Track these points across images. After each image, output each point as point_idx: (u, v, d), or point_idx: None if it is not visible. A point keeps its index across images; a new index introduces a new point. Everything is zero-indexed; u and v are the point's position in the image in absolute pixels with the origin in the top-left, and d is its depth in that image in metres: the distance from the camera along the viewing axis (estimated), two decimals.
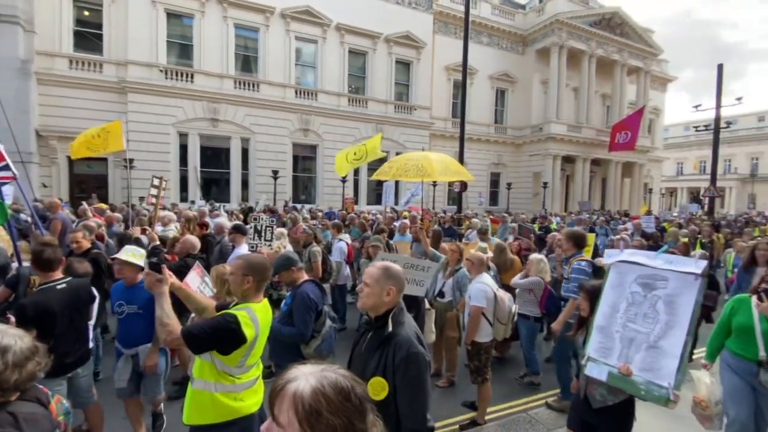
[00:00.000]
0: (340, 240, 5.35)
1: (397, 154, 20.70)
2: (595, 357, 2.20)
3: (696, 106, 15.46)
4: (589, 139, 25.34)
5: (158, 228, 5.94)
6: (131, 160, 11.69)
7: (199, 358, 1.92)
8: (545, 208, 21.44)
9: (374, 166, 15.76)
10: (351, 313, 5.93)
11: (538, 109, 25.63)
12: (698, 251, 5.81)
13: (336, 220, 6.72)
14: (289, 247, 4.55)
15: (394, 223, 7.36)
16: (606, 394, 2.22)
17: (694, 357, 5.05)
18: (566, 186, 27.04)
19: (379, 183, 17.23)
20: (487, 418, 3.62)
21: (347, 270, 5.65)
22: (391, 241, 6.52)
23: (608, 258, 2.50)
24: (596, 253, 5.82)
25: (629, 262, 2.27)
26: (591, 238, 5.08)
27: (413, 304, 3.14)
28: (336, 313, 5.76)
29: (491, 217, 12.69)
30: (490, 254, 4.96)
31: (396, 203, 19.59)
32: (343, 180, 15.35)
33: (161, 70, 15.53)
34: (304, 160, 19.76)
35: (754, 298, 2.66)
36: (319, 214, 11.39)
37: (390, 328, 1.63)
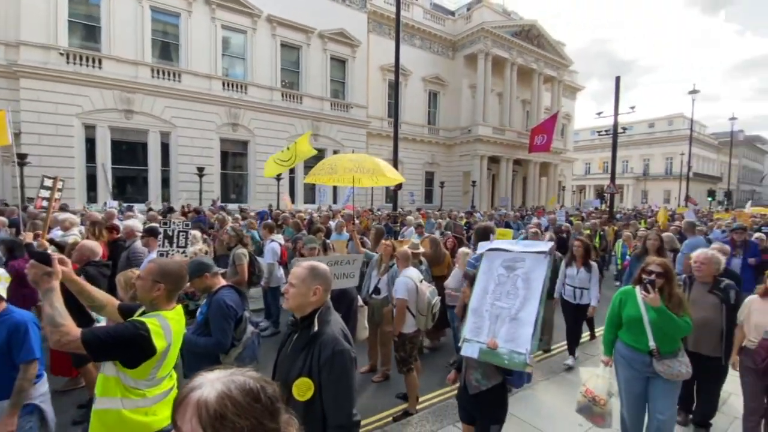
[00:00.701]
0: (272, 241, 5.15)
1: (335, 152, 20.61)
2: (469, 338, 2.36)
3: (599, 113, 17.56)
4: (512, 141, 27.44)
5: (57, 233, 5.22)
6: (23, 156, 10.11)
7: (102, 374, 1.73)
8: (474, 205, 22.79)
9: (311, 163, 15.49)
10: (286, 316, 5.75)
11: (467, 112, 27.13)
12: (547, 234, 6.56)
13: (269, 220, 6.46)
14: (214, 252, 4.29)
15: (330, 222, 7.30)
16: (480, 379, 2.33)
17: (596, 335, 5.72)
18: (492, 184, 29.03)
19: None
20: (419, 407, 3.77)
21: (281, 271, 5.47)
22: (328, 241, 6.47)
23: (480, 248, 2.80)
24: None
25: (497, 249, 2.57)
26: (509, 233, 5.49)
27: (343, 301, 3.15)
28: (269, 317, 5.57)
29: (421, 212, 13.21)
30: (423, 249, 5.16)
31: (335, 201, 19.48)
32: (278, 178, 14.82)
33: (62, 54, 13.59)
34: (235, 156, 18.69)
35: (638, 289, 2.68)
36: (252, 213, 10.88)
37: (316, 328, 1.63)
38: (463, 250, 4.75)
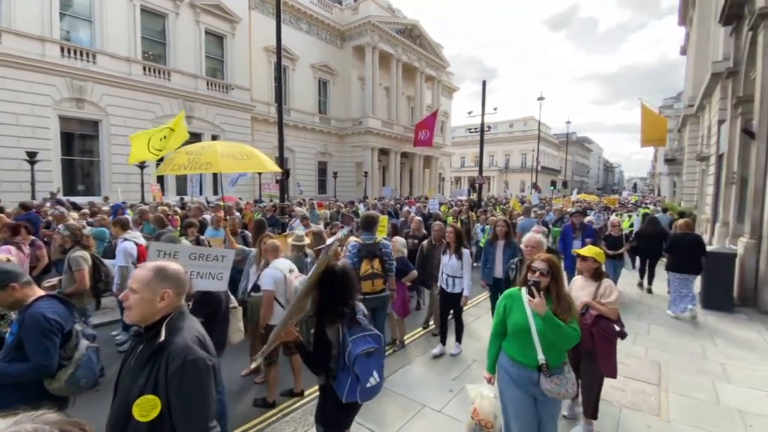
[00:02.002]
0: (126, 240, 4.38)
1: (213, 137, 18.69)
2: None
3: (469, 113, 19.67)
4: (399, 135, 28.89)
5: None
6: None
7: None
8: (366, 195, 23.40)
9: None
10: None
11: (357, 104, 27.51)
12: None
13: (124, 216, 5.47)
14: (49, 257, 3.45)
15: (204, 216, 6.57)
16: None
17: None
18: (383, 175, 30.25)
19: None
20: (305, 400, 3.73)
21: None
22: (202, 237, 5.84)
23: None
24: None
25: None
26: (384, 219, 5.76)
27: (208, 304, 2.83)
28: (127, 328, 4.78)
29: (317, 203, 13.05)
30: (308, 241, 5.07)
31: (216, 192, 17.70)
32: (141, 165, 12.74)
33: None
34: (82, 139, 15.42)
35: (524, 292, 2.31)
36: (105, 208, 9.13)
37: (162, 337, 1.43)
38: (350, 239, 4.78)
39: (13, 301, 1.90)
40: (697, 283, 6.48)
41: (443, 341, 4.72)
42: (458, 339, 4.81)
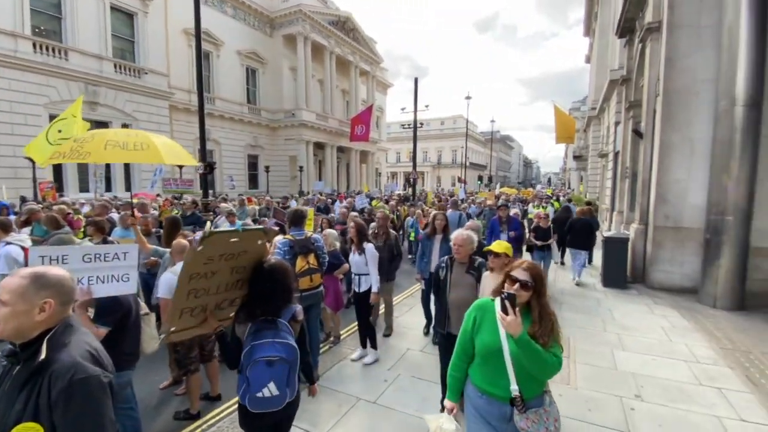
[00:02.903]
0: (8, 243, 3.69)
1: (124, 125, 16.73)
2: None
3: (402, 109, 20.06)
4: (335, 129, 28.52)
5: None
6: None
7: None
8: (302, 190, 22.78)
9: None
10: None
11: (290, 95, 26.54)
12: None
13: (5, 217, 4.63)
14: None
15: (111, 214, 5.85)
16: None
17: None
18: (319, 170, 29.67)
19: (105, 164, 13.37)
20: (227, 411, 3.52)
21: None
22: (110, 238, 5.19)
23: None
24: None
25: None
26: (311, 212, 5.65)
27: (116, 309, 2.48)
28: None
29: (246, 197, 12.35)
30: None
31: (128, 189, 15.87)
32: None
33: None
34: None
35: (497, 304, 1.80)
36: None
37: (43, 355, 1.22)
38: (278, 237, 4.58)
39: None
40: (598, 261, 7.42)
41: (363, 344, 4.43)
42: (372, 344, 4.38)
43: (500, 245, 2.92)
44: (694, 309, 6.11)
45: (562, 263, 8.68)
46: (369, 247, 4.32)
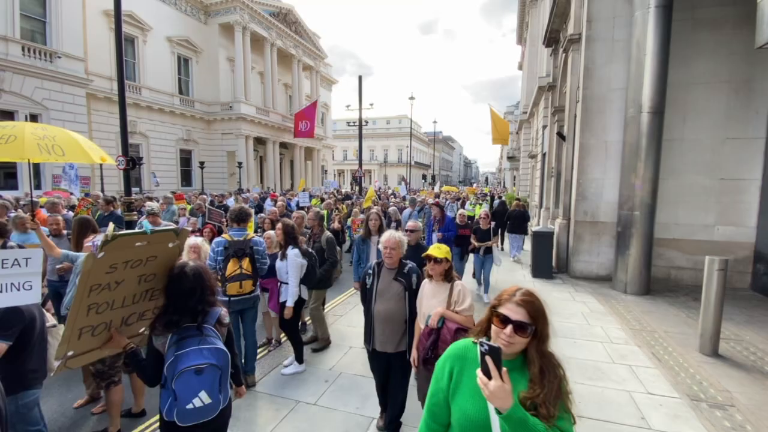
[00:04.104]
0: None
1: (33, 116, 14.72)
2: None
3: (347, 106, 19.93)
4: (277, 124, 27.52)
5: None
6: None
7: None
8: (242, 188, 21.68)
9: None
10: None
11: (227, 87, 25.11)
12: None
13: None
14: None
15: (9, 214, 5.09)
16: None
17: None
18: (261, 166, 28.46)
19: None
20: (156, 425, 3.25)
21: None
22: (11, 243, 4.52)
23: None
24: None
25: None
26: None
27: (17, 321, 2.13)
28: None
29: (175, 194, 11.46)
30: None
31: (39, 186, 13.94)
32: None
33: None
34: None
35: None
36: None
37: None
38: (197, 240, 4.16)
39: None
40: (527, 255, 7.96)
41: (298, 360, 4.09)
42: (296, 357, 4.04)
43: (440, 249, 2.54)
44: (608, 295, 6.82)
45: (502, 249, 9.30)
46: (293, 252, 3.87)
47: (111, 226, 1.94)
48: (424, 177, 42.27)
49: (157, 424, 3.22)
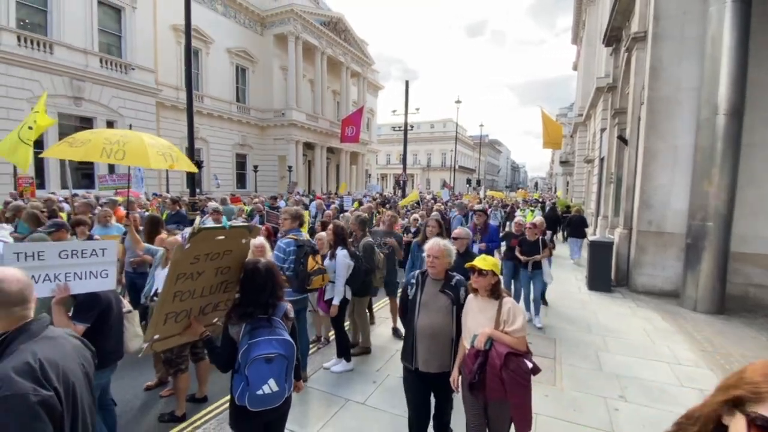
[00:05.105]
0: None
1: (109, 123, 16.41)
2: None
3: (393, 111, 20.11)
4: (325, 129, 28.41)
5: None
6: None
7: None
8: (291, 191, 22.57)
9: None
10: None
11: (280, 95, 26.36)
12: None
13: None
14: None
15: (95, 212, 5.72)
16: None
17: None
18: (309, 170, 29.51)
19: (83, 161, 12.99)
20: (217, 411, 3.47)
21: None
22: (95, 236, 5.07)
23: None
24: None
25: None
26: (306, 214, 5.68)
27: (94, 306, 2.39)
28: None
29: (232, 197, 12.19)
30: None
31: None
32: None
33: None
34: None
35: None
36: None
37: None
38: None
39: None
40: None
41: (339, 355, 4.21)
42: (339, 353, 4.16)
43: (486, 261, 2.34)
44: (675, 312, 6.27)
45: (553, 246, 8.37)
46: (341, 253, 3.98)
47: (198, 220, 2.14)
48: (468, 181, 41.46)
49: (218, 410, 3.48)
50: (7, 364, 1.15)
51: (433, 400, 2.64)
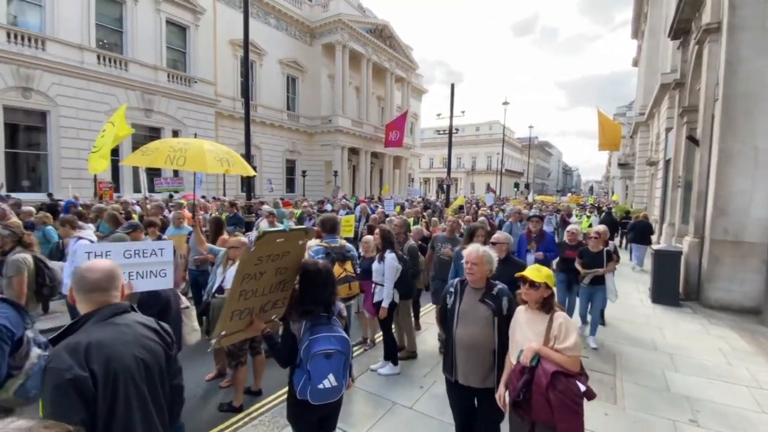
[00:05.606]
0: (80, 238, 4.07)
1: (174, 132, 17.86)
2: None
3: (438, 114, 19.99)
4: (369, 135, 28.87)
5: None
6: None
7: None
8: (335, 195, 23.17)
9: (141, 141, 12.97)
10: None
11: (327, 102, 27.20)
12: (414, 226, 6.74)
13: (68, 215, 5.06)
14: None
15: (165, 214, 6.25)
16: None
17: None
18: (353, 175, 30.11)
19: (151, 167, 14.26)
20: (274, 402, 3.64)
21: None
22: (164, 236, 5.55)
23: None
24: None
25: None
26: (351, 219, 5.76)
27: (154, 303, 2.55)
28: None
29: (284, 200, 12.75)
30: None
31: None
32: None
33: None
34: (28, 131, 14.22)
35: None
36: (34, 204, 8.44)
37: None
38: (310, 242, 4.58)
39: None
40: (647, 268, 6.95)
41: (385, 355, 4.26)
42: (386, 356, 4.19)
43: (539, 271, 2.19)
44: (756, 331, 5.62)
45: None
46: (390, 256, 4.03)
47: (263, 223, 2.28)
48: (516, 185, 40.01)
49: (272, 403, 3.64)
50: (68, 340, 1.32)
51: None
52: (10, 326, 1.74)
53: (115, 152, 13.93)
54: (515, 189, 39.53)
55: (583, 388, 1.98)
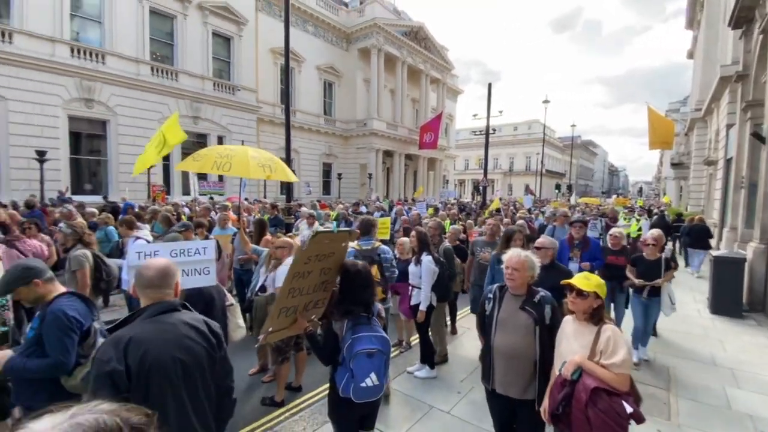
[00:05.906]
0: (138, 238, 4.42)
1: (219, 138, 18.82)
2: None
3: (474, 115, 19.65)
4: (403, 137, 28.90)
5: None
6: None
7: None
8: (371, 197, 23.40)
9: (189, 148, 13.81)
10: None
11: (362, 106, 27.56)
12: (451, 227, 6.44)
13: (127, 216, 5.48)
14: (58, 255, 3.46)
15: (212, 215, 6.62)
16: None
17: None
18: (387, 177, 30.26)
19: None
20: (313, 399, 3.74)
21: None
22: (210, 237, 5.87)
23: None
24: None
25: None
26: (387, 221, 5.78)
27: (198, 300, 2.62)
28: None
29: (321, 203, 13.05)
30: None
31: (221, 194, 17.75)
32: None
33: None
34: (90, 139, 15.57)
35: None
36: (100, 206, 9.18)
37: None
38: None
39: (35, 296, 1.95)
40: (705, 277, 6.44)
41: (423, 361, 4.22)
42: (422, 359, 4.18)
43: (589, 280, 2.07)
44: None
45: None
46: (427, 259, 4.02)
47: (316, 224, 2.38)
48: (557, 187, 38.42)
49: (312, 399, 3.73)
50: (117, 333, 1.43)
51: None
52: (79, 317, 1.93)
53: (165, 158, 14.90)
54: (556, 191, 38.00)
55: (629, 409, 1.82)
